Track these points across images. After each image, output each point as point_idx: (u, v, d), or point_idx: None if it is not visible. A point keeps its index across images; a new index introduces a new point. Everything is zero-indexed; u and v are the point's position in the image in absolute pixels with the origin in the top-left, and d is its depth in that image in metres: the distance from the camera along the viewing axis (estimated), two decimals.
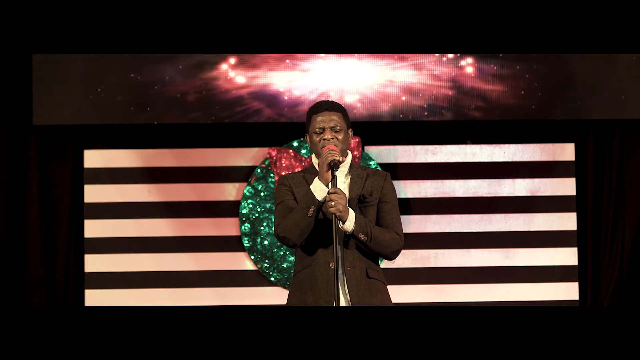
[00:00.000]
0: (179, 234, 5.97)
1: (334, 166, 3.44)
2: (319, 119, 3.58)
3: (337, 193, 3.42)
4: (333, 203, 3.41)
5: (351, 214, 3.46)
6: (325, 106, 3.61)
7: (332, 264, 3.50)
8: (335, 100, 3.71)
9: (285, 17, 4.31)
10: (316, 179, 3.49)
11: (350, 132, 3.65)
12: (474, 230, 6.01)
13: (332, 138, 3.56)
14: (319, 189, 3.46)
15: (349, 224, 3.46)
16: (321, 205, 3.49)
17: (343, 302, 3.50)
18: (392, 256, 3.61)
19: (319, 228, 3.52)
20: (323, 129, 3.58)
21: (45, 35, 4.38)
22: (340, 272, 3.50)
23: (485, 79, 5.96)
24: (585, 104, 5.97)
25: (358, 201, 3.55)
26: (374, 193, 3.60)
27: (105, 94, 5.91)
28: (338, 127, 3.58)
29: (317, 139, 3.58)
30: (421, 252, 5.99)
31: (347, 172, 3.62)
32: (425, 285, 5.98)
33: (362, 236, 3.48)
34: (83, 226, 5.95)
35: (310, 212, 3.46)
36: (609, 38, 4.41)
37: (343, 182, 3.59)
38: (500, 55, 5.94)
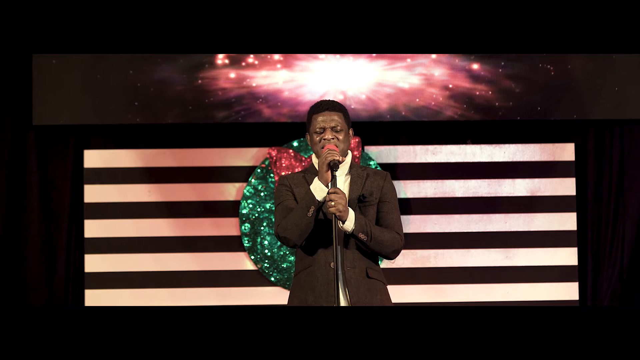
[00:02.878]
0: (179, 234, 5.97)
1: (333, 166, 3.44)
2: (320, 118, 3.58)
3: (337, 193, 3.42)
4: (333, 203, 3.41)
5: (351, 213, 3.46)
6: (326, 106, 3.61)
7: (332, 264, 3.50)
8: (336, 100, 3.71)
9: (285, 17, 4.31)
10: (316, 179, 3.48)
11: (351, 132, 3.65)
12: (474, 230, 6.01)
13: (333, 138, 3.56)
14: (318, 189, 3.46)
15: (349, 224, 3.46)
16: (321, 205, 3.48)
17: (343, 302, 3.50)
18: (392, 256, 3.61)
19: (319, 228, 3.52)
20: (324, 129, 3.57)
21: (45, 35, 4.38)
22: (340, 272, 3.50)
23: (485, 79, 5.96)
24: (585, 104, 5.97)
25: (358, 201, 3.56)
26: (374, 193, 3.60)
27: (105, 94, 5.91)
28: (339, 127, 3.58)
29: (318, 138, 3.57)
30: (421, 252, 5.99)
31: (347, 172, 3.62)
32: (425, 285, 5.98)
33: (362, 236, 3.48)
34: (83, 226, 5.95)
35: (310, 212, 3.46)
36: (609, 38, 4.41)
37: (343, 182, 3.59)
38: (501, 55, 5.94)
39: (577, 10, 4.32)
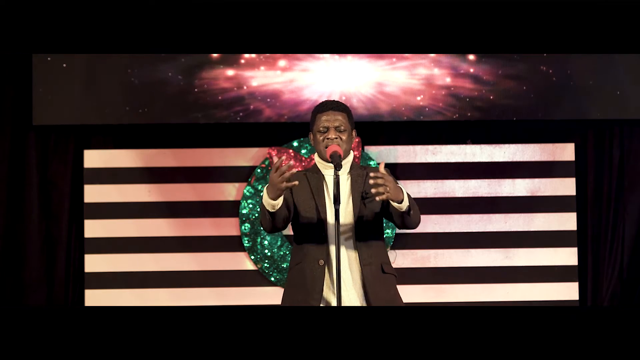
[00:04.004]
0: (179, 234, 5.97)
1: (336, 165, 3.44)
2: (324, 118, 3.59)
3: (384, 178, 3.38)
4: (388, 188, 3.37)
5: (404, 192, 3.45)
6: (330, 106, 3.62)
7: (321, 262, 3.51)
8: (339, 100, 3.72)
9: (286, 17, 4.31)
10: (265, 190, 3.44)
11: (354, 133, 3.66)
12: (474, 230, 6.01)
13: (336, 138, 3.56)
14: (266, 203, 3.44)
15: (405, 203, 3.45)
16: (274, 212, 3.45)
17: (346, 302, 3.50)
18: (415, 226, 3.58)
19: (311, 225, 3.54)
20: (327, 128, 3.58)
21: (45, 35, 4.38)
22: (346, 274, 3.50)
23: (485, 79, 5.96)
24: (585, 104, 5.97)
25: (361, 198, 3.56)
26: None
27: (105, 94, 5.91)
28: (342, 127, 3.59)
29: (321, 138, 3.58)
30: (421, 252, 5.99)
31: (349, 172, 3.63)
32: (425, 285, 5.97)
33: (412, 211, 3.48)
34: (83, 226, 5.95)
35: (268, 218, 3.47)
36: (609, 38, 4.41)
37: (345, 180, 3.60)
38: (500, 55, 5.94)
39: (577, 10, 4.32)
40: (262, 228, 3.68)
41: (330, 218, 3.54)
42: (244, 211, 5.95)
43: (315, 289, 3.51)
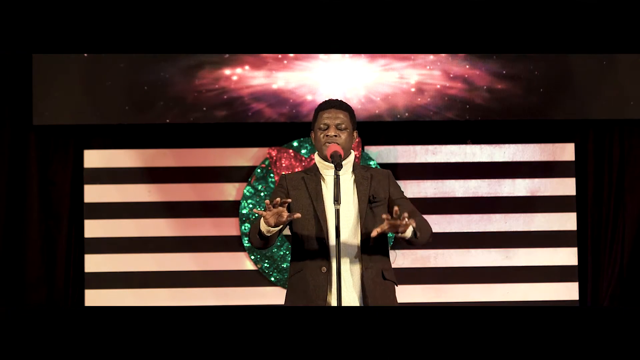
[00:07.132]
0: (179, 234, 5.97)
1: (337, 165, 3.42)
2: (325, 115, 3.59)
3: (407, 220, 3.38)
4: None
5: (411, 228, 3.45)
6: (333, 104, 3.62)
7: (323, 269, 3.50)
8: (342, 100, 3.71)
9: (286, 17, 4.32)
10: (262, 221, 3.43)
11: (355, 133, 3.65)
12: (474, 230, 6.01)
13: (336, 135, 3.55)
14: (263, 226, 3.44)
15: (408, 234, 3.46)
16: (270, 235, 3.48)
17: (345, 303, 3.48)
18: (430, 239, 3.60)
19: (310, 233, 3.52)
20: (328, 126, 3.58)
21: (45, 35, 4.39)
22: (346, 275, 3.49)
23: (485, 79, 5.96)
24: (585, 104, 5.97)
25: (368, 201, 3.55)
26: (381, 193, 3.59)
27: (105, 94, 5.90)
28: (343, 126, 3.58)
29: (321, 135, 3.58)
30: (421, 252, 5.98)
31: (351, 172, 3.62)
32: (425, 285, 5.97)
33: (418, 234, 3.48)
34: (83, 226, 5.95)
35: (257, 237, 3.49)
36: (609, 38, 4.42)
37: (348, 180, 3.59)
38: (501, 55, 5.94)
39: (577, 10, 4.33)
40: (250, 243, 3.68)
41: (331, 221, 3.52)
42: (244, 211, 5.95)
43: (319, 296, 3.49)
